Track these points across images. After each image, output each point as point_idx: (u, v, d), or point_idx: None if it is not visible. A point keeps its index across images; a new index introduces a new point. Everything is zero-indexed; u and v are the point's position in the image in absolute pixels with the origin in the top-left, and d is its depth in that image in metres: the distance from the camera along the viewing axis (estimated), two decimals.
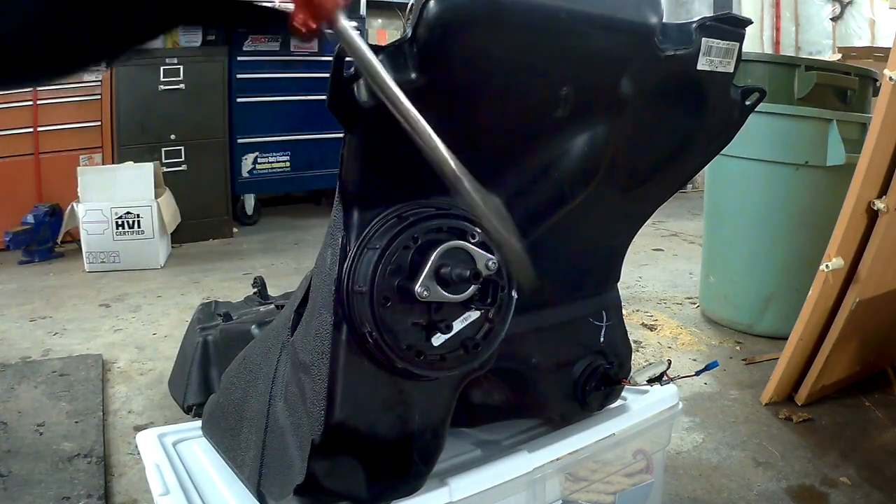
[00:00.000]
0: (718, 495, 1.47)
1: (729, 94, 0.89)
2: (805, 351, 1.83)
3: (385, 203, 0.72)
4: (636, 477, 1.02)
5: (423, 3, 0.62)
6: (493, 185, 0.78)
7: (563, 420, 0.96)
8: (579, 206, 0.83)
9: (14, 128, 3.53)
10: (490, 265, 0.69)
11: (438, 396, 0.78)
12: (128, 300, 2.79)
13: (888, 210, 1.64)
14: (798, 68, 2.21)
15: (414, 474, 0.77)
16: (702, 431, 1.74)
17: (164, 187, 3.49)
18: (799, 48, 6.13)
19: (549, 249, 0.85)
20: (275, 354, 0.85)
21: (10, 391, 1.91)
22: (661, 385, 0.96)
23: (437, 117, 0.69)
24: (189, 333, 1.68)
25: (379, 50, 0.64)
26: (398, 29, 5.20)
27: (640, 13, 0.76)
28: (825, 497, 1.46)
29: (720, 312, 2.50)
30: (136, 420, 1.79)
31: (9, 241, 3.33)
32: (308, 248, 3.60)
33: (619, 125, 0.81)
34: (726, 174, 2.40)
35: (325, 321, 0.72)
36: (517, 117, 0.75)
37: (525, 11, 0.67)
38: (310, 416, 0.73)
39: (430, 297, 0.66)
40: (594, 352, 0.95)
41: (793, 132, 2.20)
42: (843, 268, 1.71)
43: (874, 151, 1.61)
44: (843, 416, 1.81)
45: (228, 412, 0.91)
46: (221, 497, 0.84)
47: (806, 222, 2.24)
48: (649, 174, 0.90)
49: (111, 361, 2.17)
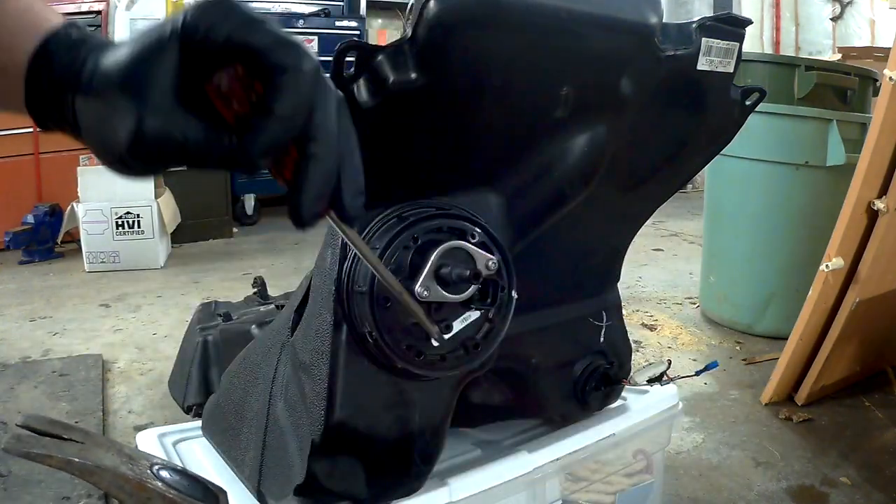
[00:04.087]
0: (718, 495, 1.47)
1: (729, 94, 0.89)
2: (805, 351, 1.83)
3: (385, 203, 0.72)
4: (636, 477, 1.02)
5: (423, 3, 0.62)
6: (494, 185, 0.78)
7: (563, 420, 0.96)
8: (579, 206, 0.82)
9: (14, 127, 3.53)
10: (490, 265, 0.69)
11: (438, 396, 0.78)
12: (128, 300, 2.79)
13: (888, 210, 1.64)
14: (798, 68, 2.22)
15: (414, 474, 0.77)
16: (702, 431, 1.74)
17: (164, 187, 3.49)
18: (799, 48, 6.14)
19: (548, 249, 0.85)
20: (275, 354, 0.85)
21: (10, 391, 1.91)
22: (661, 385, 0.96)
23: (436, 117, 0.69)
24: (189, 333, 1.68)
25: (379, 50, 0.64)
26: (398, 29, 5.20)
27: (640, 13, 0.76)
28: (825, 497, 1.46)
29: (720, 312, 2.50)
30: (136, 420, 1.79)
31: (9, 241, 3.34)
32: (308, 248, 3.60)
33: (619, 125, 0.81)
34: (726, 174, 2.40)
35: (325, 321, 0.72)
36: (517, 117, 0.75)
37: (525, 11, 0.67)
38: (310, 416, 0.73)
39: (430, 297, 0.66)
40: (594, 352, 0.95)
41: (793, 132, 2.20)
42: (843, 268, 1.71)
43: (874, 151, 1.61)
44: (843, 416, 1.81)
45: (228, 412, 0.91)
46: None
47: (806, 222, 2.24)
48: (649, 174, 0.90)
49: (111, 361, 2.17)
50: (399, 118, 0.67)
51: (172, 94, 0.41)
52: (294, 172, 0.44)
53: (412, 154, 0.71)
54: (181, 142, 0.41)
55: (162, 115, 0.41)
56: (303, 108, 0.42)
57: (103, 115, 0.42)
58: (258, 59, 0.41)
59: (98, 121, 0.43)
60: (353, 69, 0.64)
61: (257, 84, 0.42)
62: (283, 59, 0.41)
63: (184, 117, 0.42)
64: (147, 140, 0.41)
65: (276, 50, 0.41)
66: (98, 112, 0.42)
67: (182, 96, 0.42)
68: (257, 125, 0.41)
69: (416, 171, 0.73)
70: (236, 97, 0.42)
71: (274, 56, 0.41)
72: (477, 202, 0.76)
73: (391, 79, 0.64)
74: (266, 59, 0.41)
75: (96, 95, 0.42)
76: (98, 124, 0.43)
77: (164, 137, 0.41)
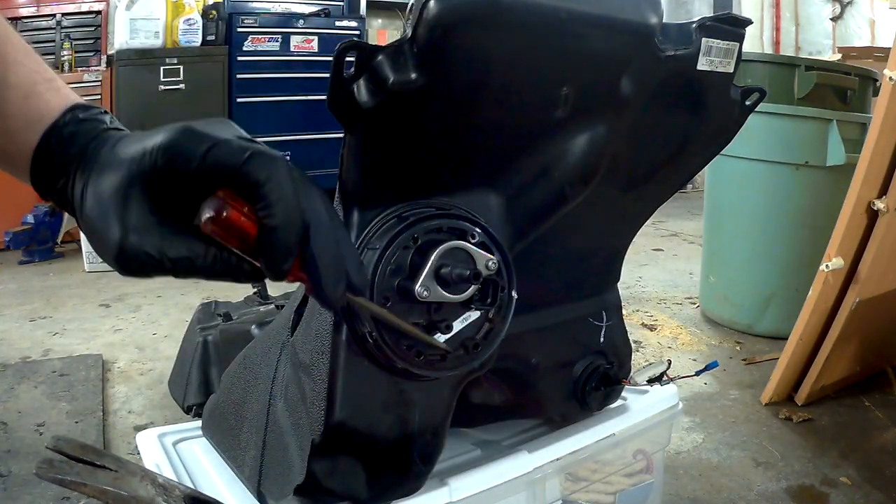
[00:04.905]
0: (718, 495, 1.47)
1: (729, 94, 0.89)
2: (805, 351, 1.83)
3: (385, 203, 0.72)
4: (636, 477, 1.02)
5: (423, 3, 0.62)
6: (494, 185, 0.78)
7: (563, 420, 0.96)
8: (579, 207, 0.82)
9: None
10: (490, 265, 0.69)
11: (438, 396, 0.78)
12: (128, 300, 2.79)
13: (888, 210, 1.64)
14: (798, 68, 2.22)
15: (414, 474, 0.77)
16: (702, 431, 1.74)
17: None
18: (799, 48, 6.13)
19: (549, 249, 0.85)
20: (275, 354, 0.85)
21: (10, 391, 1.91)
22: (661, 385, 0.96)
23: (436, 117, 0.69)
24: (189, 333, 1.68)
25: (379, 50, 0.64)
26: (398, 29, 5.20)
27: (640, 13, 0.76)
28: (825, 497, 1.46)
29: (720, 312, 2.50)
30: (136, 420, 1.79)
31: (9, 241, 3.34)
32: None
33: (620, 125, 0.81)
34: (726, 174, 2.40)
35: (325, 321, 0.72)
36: (517, 117, 0.75)
37: (525, 11, 0.67)
38: (310, 416, 0.73)
39: (430, 297, 0.66)
40: (594, 352, 0.94)
41: (793, 132, 2.20)
42: (843, 268, 1.71)
43: (874, 151, 1.61)
44: (843, 416, 1.82)
45: (228, 412, 0.91)
46: (221, 497, 0.84)
47: (806, 222, 2.24)
48: (649, 174, 0.90)
49: (111, 361, 2.17)
50: (399, 118, 0.67)
51: (150, 216, 0.46)
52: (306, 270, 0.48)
53: (412, 154, 0.71)
54: (158, 259, 0.46)
55: (141, 234, 0.45)
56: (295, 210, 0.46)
57: (92, 231, 0.47)
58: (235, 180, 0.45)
59: (89, 233, 0.48)
60: (353, 69, 0.64)
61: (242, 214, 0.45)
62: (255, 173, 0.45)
63: (164, 237, 0.46)
64: (129, 255, 0.45)
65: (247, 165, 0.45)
66: (88, 228, 0.47)
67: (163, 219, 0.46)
68: (266, 247, 0.45)
69: (416, 171, 0.72)
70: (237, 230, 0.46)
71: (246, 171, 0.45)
72: (477, 202, 0.76)
73: (391, 79, 0.64)
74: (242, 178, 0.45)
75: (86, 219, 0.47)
76: (89, 237, 0.48)
77: (143, 254, 0.45)
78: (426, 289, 0.66)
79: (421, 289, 0.65)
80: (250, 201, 0.45)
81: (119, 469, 0.59)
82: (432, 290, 0.66)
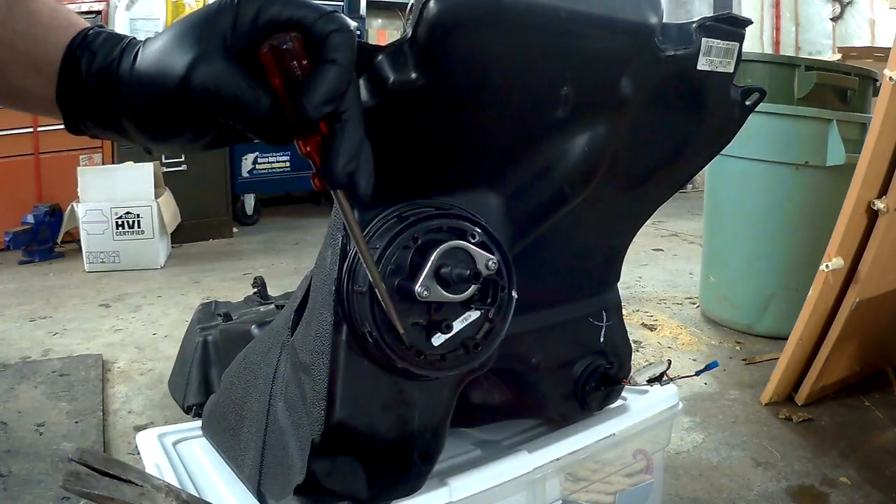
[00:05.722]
0: (718, 495, 1.47)
1: (729, 95, 0.89)
2: (805, 351, 1.83)
3: (385, 203, 0.72)
4: (636, 477, 1.02)
5: (423, 3, 0.62)
6: (494, 185, 0.78)
7: (563, 420, 0.96)
8: (579, 206, 0.82)
9: (14, 128, 3.53)
10: (490, 265, 0.69)
11: (438, 396, 0.78)
12: (128, 300, 2.80)
13: (888, 210, 1.64)
14: (798, 68, 2.22)
15: (414, 474, 0.77)
16: (702, 431, 1.74)
17: (164, 187, 3.49)
18: (799, 48, 6.14)
19: (549, 249, 0.85)
20: (275, 354, 0.85)
21: (10, 391, 1.91)
22: (661, 385, 0.96)
23: (437, 117, 0.69)
24: (189, 333, 1.68)
25: (379, 50, 0.64)
26: (398, 29, 5.20)
27: (640, 13, 0.76)
28: (825, 497, 1.46)
29: (720, 312, 2.50)
30: (136, 420, 1.79)
31: (9, 241, 3.34)
32: (308, 248, 3.60)
33: (620, 125, 0.81)
34: (726, 174, 2.40)
35: (325, 321, 0.72)
36: (517, 117, 0.74)
37: (525, 11, 0.67)
38: (310, 416, 0.73)
39: (430, 297, 0.66)
40: (594, 352, 0.94)
41: (793, 132, 2.20)
42: (843, 268, 1.71)
43: (874, 151, 1.61)
44: (843, 416, 1.82)
45: (228, 412, 0.91)
46: (221, 497, 0.84)
47: (806, 222, 2.24)
48: (649, 174, 0.90)
49: (111, 361, 2.17)
50: (399, 118, 0.67)
51: (222, 50, 0.47)
52: (328, 136, 0.50)
53: (412, 154, 0.71)
54: (226, 93, 0.46)
55: (211, 65, 0.46)
56: (353, 63, 0.48)
57: (147, 80, 0.47)
58: (310, 27, 0.47)
59: (140, 86, 0.48)
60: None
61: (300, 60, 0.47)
62: (332, 24, 0.48)
63: (231, 72, 0.46)
64: (194, 85, 0.46)
65: (324, 17, 0.47)
66: (141, 79, 0.47)
67: (232, 55, 0.47)
68: (319, 77, 0.47)
69: (416, 170, 0.72)
70: (287, 66, 0.47)
71: (325, 22, 0.47)
72: (477, 202, 0.76)
73: (391, 79, 0.64)
74: (318, 26, 0.47)
75: (138, 74, 0.47)
76: (138, 91, 0.48)
77: (210, 85, 0.46)
78: (426, 288, 0.66)
79: (421, 288, 0.65)
80: (320, 46, 0.47)
81: (144, 484, 0.59)
82: (432, 289, 0.66)
